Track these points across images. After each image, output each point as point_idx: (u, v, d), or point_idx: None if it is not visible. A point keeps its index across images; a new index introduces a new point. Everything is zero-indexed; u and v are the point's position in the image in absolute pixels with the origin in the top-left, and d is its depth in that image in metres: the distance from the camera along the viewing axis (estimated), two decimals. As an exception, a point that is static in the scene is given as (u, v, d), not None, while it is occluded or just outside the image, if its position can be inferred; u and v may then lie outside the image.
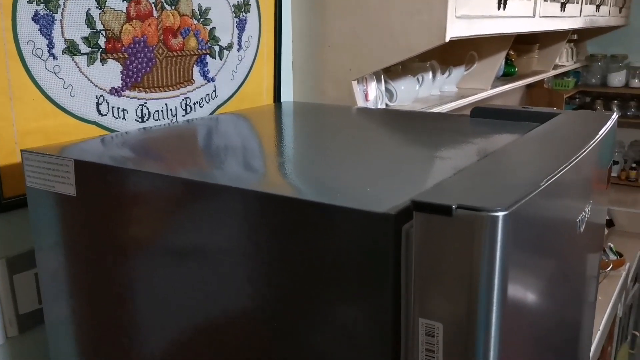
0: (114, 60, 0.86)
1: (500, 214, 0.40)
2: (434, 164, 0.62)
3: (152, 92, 0.92)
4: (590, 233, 0.72)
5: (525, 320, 0.51)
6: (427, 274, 0.43)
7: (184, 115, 0.98)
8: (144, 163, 0.64)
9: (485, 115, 0.86)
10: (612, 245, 2.02)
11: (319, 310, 0.50)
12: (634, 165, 2.90)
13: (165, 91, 0.94)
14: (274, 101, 1.16)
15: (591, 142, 0.62)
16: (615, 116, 0.78)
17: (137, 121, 0.91)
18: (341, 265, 0.48)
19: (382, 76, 1.43)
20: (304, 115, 0.98)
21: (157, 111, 0.94)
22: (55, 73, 0.79)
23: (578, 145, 0.60)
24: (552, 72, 2.42)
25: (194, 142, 0.77)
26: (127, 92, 0.88)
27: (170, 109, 0.96)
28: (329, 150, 0.71)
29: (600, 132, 0.67)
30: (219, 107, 1.05)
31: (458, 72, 1.72)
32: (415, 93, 1.51)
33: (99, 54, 0.83)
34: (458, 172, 0.50)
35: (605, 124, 0.72)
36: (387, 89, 1.44)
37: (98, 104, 0.85)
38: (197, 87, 1.00)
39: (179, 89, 0.96)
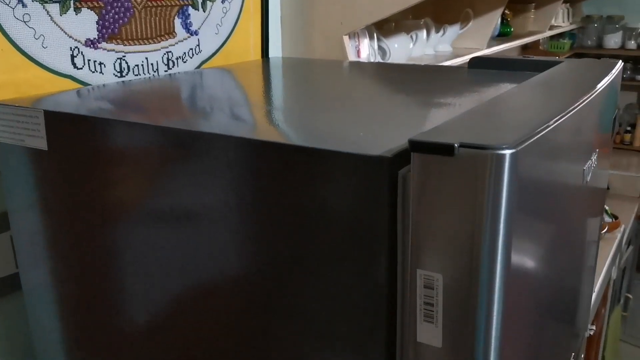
0: (89, 10, 0.80)
1: (507, 152, 0.36)
2: (431, 110, 0.58)
3: (130, 44, 0.87)
4: (592, 196, 0.69)
5: (529, 275, 0.47)
6: (426, 221, 0.39)
7: (166, 71, 0.93)
8: (121, 114, 0.59)
9: (483, 66, 0.82)
10: (607, 208, 2.00)
11: (308, 263, 0.47)
12: (628, 128, 2.87)
13: (145, 44, 0.89)
14: (262, 57, 1.11)
15: (598, 86, 0.58)
16: (620, 63, 0.74)
17: (116, 76, 0.86)
18: (331, 215, 0.44)
19: (375, 33, 1.38)
20: (294, 69, 0.93)
21: (137, 65, 0.88)
22: (25, 22, 0.73)
23: (584, 89, 0.56)
24: (548, 33, 2.37)
25: (176, 94, 0.72)
26: (103, 44, 0.83)
27: (151, 64, 0.91)
28: (320, 100, 0.66)
29: (607, 77, 0.63)
30: (203, 62, 1.00)
31: (453, 31, 1.67)
32: (409, 51, 1.46)
33: (72, 2, 0.78)
34: (458, 115, 0.46)
35: (611, 70, 0.68)
36: (379, 47, 1.39)
37: (73, 57, 0.80)
38: (179, 41, 0.94)
39: (159, 42, 0.91)
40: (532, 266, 0.47)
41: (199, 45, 0.98)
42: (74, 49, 0.80)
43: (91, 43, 0.81)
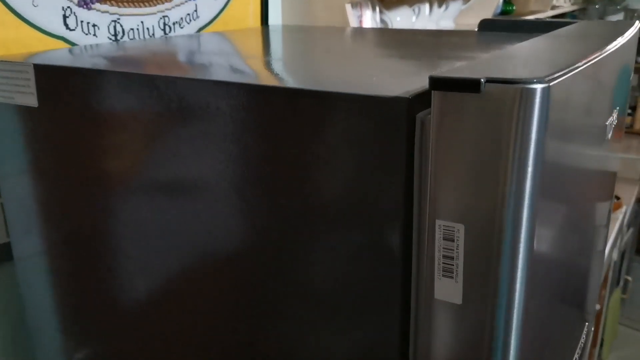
0: (81, -33, 0.76)
1: (538, 86, 0.33)
2: (446, 62, 0.55)
3: (125, 6, 0.83)
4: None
5: (552, 227, 0.44)
6: (446, 167, 0.37)
7: (162, 36, 0.89)
8: (116, 67, 0.56)
9: (494, 29, 0.78)
10: (608, 189, 1.98)
11: (318, 217, 0.44)
12: (629, 111, 2.84)
13: (140, 7, 0.85)
14: (261, 25, 1.07)
15: (619, 39, 0.55)
16: (637, 24, 0.71)
17: (110, 39, 0.82)
18: (343, 165, 0.41)
19: (377, 6, 1.34)
20: (296, 33, 0.90)
21: (132, 29, 0.85)
22: (13, -22, 0.70)
23: (606, 40, 0.53)
24: (550, 13, 2.33)
25: (174, 52, 0.68)
26: (97, 5, 0.79)
27: (147, 28, 0.87)
28: (325, 55, 0.63)
29: (627, 32, 0.60)
30: (201, 29, 0.96)
31: (455, 7, 1.63)
32: (411, 25, 1.42)
33: (63, -42, 0.74)
34: (479, 58, 0.43)
35: (630, 28, 0.65)
36: (381, 20, 1.36)
37: (65, 17, 0.76)
38: (176, 5, 0.91)
39: (155, 5, 0.87)
40: (555, 218, 0.44)
41: (196, 10, 0.95)
42: (66, 9, 0.76)
43: (84, 3, 0.78)
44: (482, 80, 0.34)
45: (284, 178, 0.44)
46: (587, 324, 0.82)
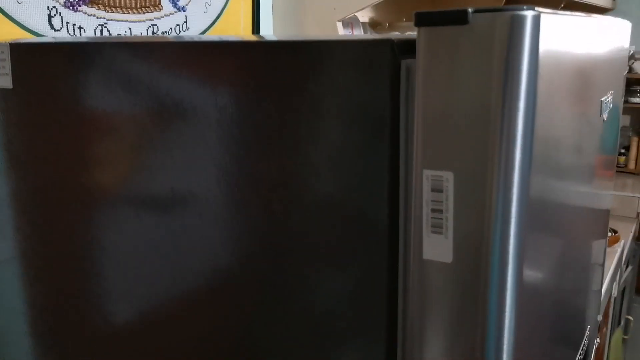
0: (69, -31, 0.76)
1: (529, 13, 0.31)
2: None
3: (113, 11, 0.82)
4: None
5: (550, 170, 0.42)
6: (434, 111, 0.34)
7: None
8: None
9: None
10: (605, 224, 1.95)
11: (303, 175, 0.41)
12: (622, 150, 2.85)
13: (129, 13, 0.85)
14: (252, 42, 1.07)
15: (607, 21, 0.54)
16: (629, 23, 0.70)
17: (97, 42, 0.81)
18: (327, 118, 0.39)
19: (369, 32, 1.35)
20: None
21: (120, 35, 0.84)
22: (-1, -26, 0.69)
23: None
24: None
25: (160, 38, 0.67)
26: (84, 8, 0.79)
27: (135, 35, 0.86)
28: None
29: (618, 22, 0.59)
30: (190, 41, 0.96)
31: (446, 38, 1.65)
32: (402, 52, 1.43)
33: (51, -42, 0.74)
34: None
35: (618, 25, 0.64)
36: (373, 46, 1.36)
37: (50, 17, 0.75)
38: (165, 15, 0.90)
39: (144, 13, 0.87)
40: (553, 163, 0.41)
41: (186, 22, 0.94)
42: (51, 9, 0.75)
43: (71, 5, 0.77)
44: (470, 10, 0.32)
45: (266, 139, 0.42)
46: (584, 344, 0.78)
